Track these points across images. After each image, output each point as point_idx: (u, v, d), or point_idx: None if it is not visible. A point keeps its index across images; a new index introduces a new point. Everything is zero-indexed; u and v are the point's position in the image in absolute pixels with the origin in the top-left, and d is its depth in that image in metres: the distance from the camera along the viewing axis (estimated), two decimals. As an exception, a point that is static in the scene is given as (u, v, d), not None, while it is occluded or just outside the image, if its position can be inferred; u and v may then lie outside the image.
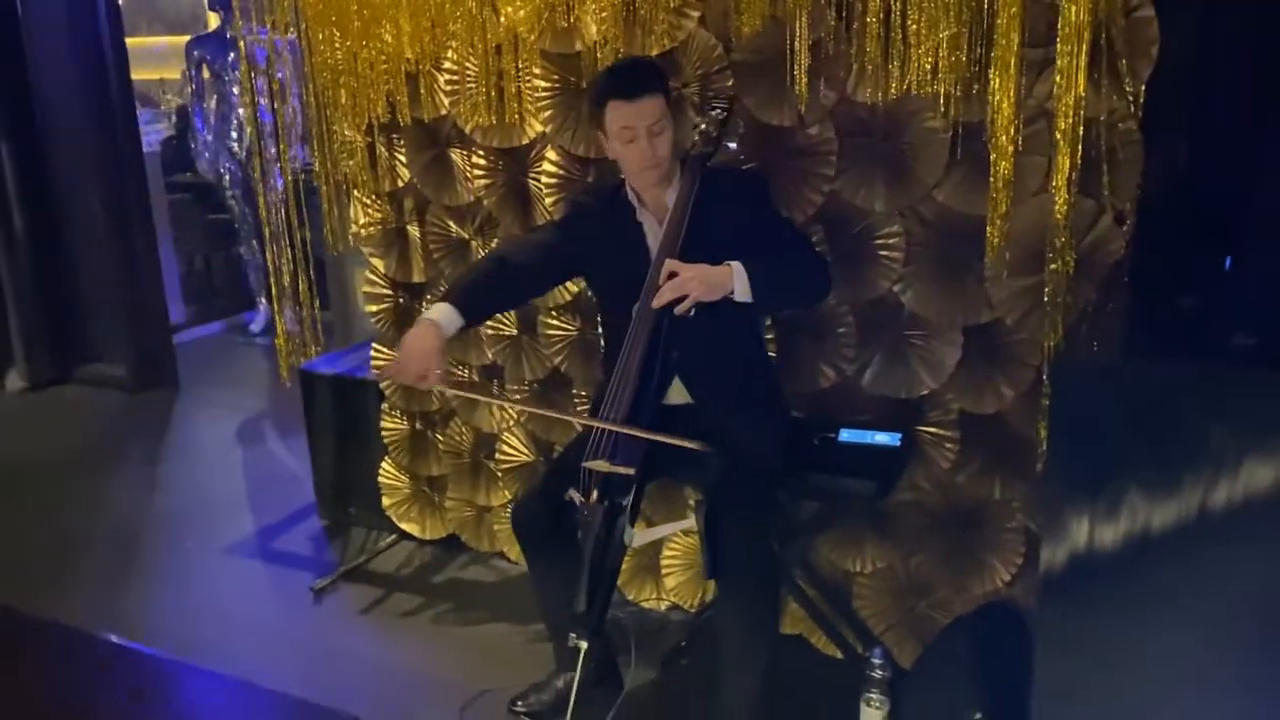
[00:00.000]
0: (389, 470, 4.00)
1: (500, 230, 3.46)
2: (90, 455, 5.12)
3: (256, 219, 6.61)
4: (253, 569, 3.95)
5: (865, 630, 3.14)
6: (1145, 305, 2.68)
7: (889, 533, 3.07)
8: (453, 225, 3.58)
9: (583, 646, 2.49)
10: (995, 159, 2.63)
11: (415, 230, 3.68)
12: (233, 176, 6.57)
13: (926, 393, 2.95)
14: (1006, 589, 2.96)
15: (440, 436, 3.86)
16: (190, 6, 9.94)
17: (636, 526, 2.61)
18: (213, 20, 7.12)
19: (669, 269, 2.60)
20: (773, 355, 3.11)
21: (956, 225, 2.81)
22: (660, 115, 2.69)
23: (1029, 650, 2.23)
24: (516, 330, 3.54)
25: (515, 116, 3.29)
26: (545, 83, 3.22)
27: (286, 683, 2.30)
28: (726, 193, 2.78)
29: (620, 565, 2.61)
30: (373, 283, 3.83)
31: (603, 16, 3.06)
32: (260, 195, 3.91)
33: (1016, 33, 2.53)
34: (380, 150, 3.64)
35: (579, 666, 2.52)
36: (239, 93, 6.31)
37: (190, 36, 7.06)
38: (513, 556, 3.77)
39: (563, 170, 3.28)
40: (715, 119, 2.85)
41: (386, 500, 4.02)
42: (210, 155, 6.61)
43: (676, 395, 2.83)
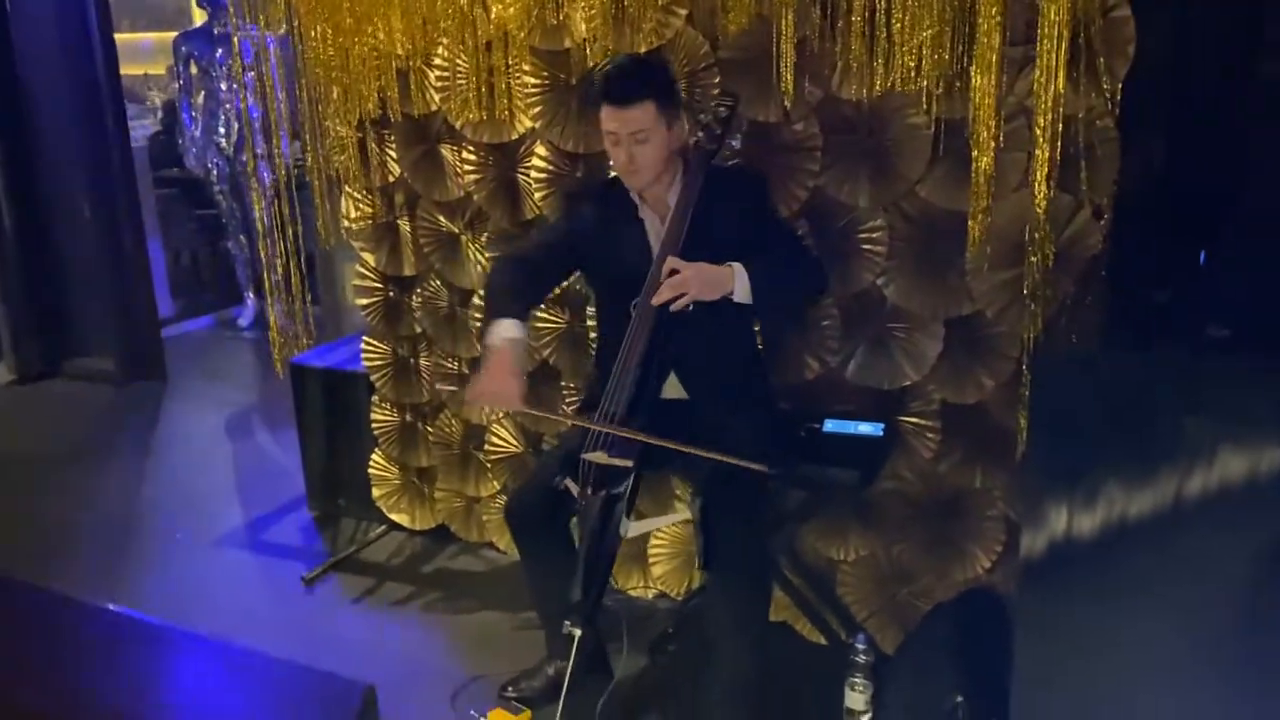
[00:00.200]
0: (379, 461, 4.03)
1: (490, 225, 3.49)
2: (80, 448, 5.13)
3: (244, 214, 6.63)
4: (243, 559, 3.98)
5: (849, 617, 3.18)
6: (1122, 298, 2.72)
7: (872, 521, 3.11)
8: (443, 220, 3.60)
9: (577, 634, 2.53)
10: (976, 155, 2.66)
11: (406, 225, 3.70)
12: (220, 172, 6.56)
13: (909, 384, 2.99)
14: (987, 576, 3.00)
15: (430, 428, 3.89)
16: (175, 1, 9.90)
17: (632, 517, 2.65)
18: (198, 16, 7.12)
19: (670, 266, 2.62)
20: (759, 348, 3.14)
21: (938, 220, 2.85)
22: (647, 124, 2.67)
23: (1009, 636, 2.26)
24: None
25: (505, 112, 3.31)
26: (535, 79, 3.25)
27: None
28: (728, 192, 2.79)
29: (615, 555, 2.64)
30: (363, 276, 3.85)
31: (591, 14, 3.08)
32: (254, 190, 3.93)
33: (997, 32, 2.56)
34: (371, 145, 3.66)
35: (572, 654, 2.55)
36: (226, 88, 6.32)
37: (176, 33, 7.05)
38: (502, 546, 3.81)
39: (552, 165, 3.31)
40: (719, 116, 2.84)
41: (376, 491, 4.04)
42: (198, 151, 6.60)
43: (672, 390, 2.84)
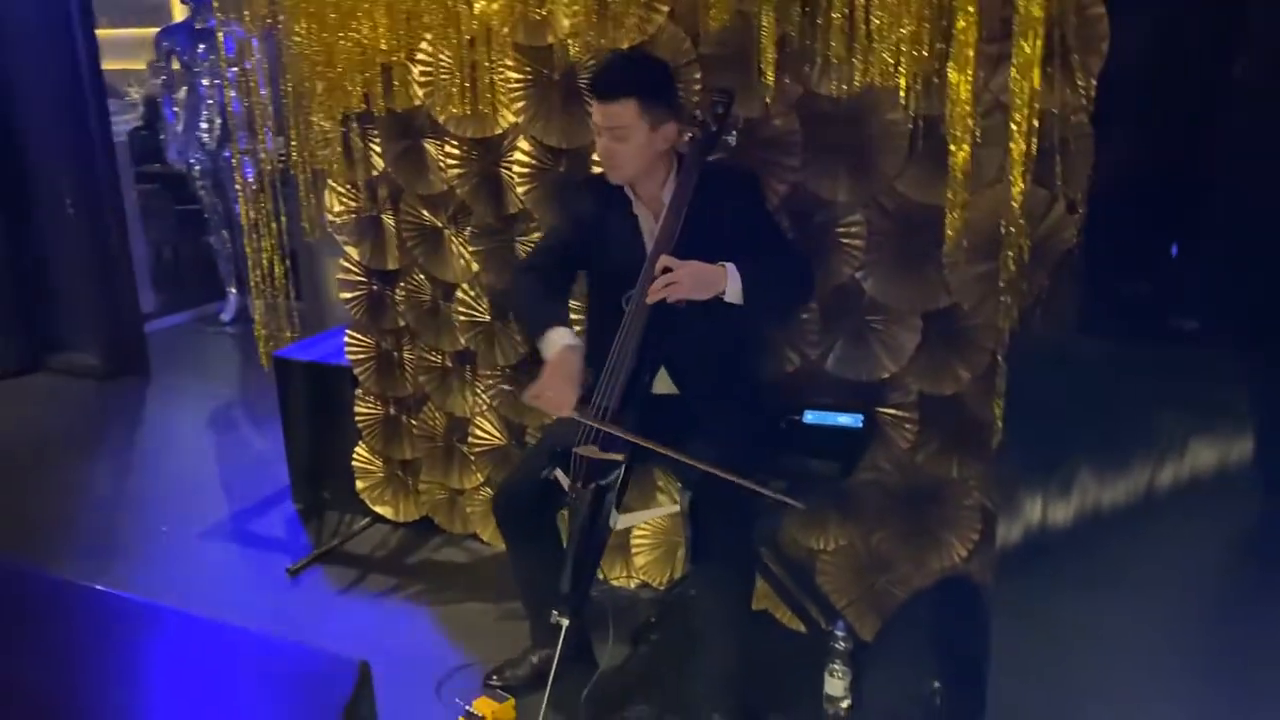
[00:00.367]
0: (362, 454, 4.05)
1: (473, 219, 3.51)
2: (63, 442, 5.14)
3: (226, 209, 6.62)
4: (228, 552, 4.00)
5: (828, 605, 3.22)
6: (1096, 291, 2.76)
7: (851, 511, 3.15)
8: (426, 214, 3.62)
9: (564, 624, 2.57)
10: (953, 150, 2.68)
11: (389, 219, 3.72)
12: (202, 167, 6.56)
13: (887, 376, 3.02)
14: (963, 565, 3.04)
15: (413, 421, 3.91)
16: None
17: (620, 510, 2.67)
18: (178, 11, 7.09)
19: (663, 264, 2.63)
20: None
21: (916, 214, 2.88)
22: (627, 121, 2.69)
23: (985, 623, 2.31)
24: (489, 316, 3.58)
25: (488, 107, 3.34)
26: (517, 74, 3.27)
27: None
28: (722, 190, 2.80)
29: (604, 547, 2.67)
30: (347, 270, 3.87)
31: (574, 10, 3.10)
32: (240, 185, 3.94)
33: (974, 29, 2.58)
34: (355, 140, 3.68)
35: (559, 643, 2.58)
36: (209, 84, 6.31)
37: (155, 28, 7.03)
38: (485, 538, 3.84)
39: (534, 160, 3.34)
40: (714, 113, 2.84)
41: (360, 484, 4.06)
42: (179, 146, 6.58)
43: (662, 385, 2.85)
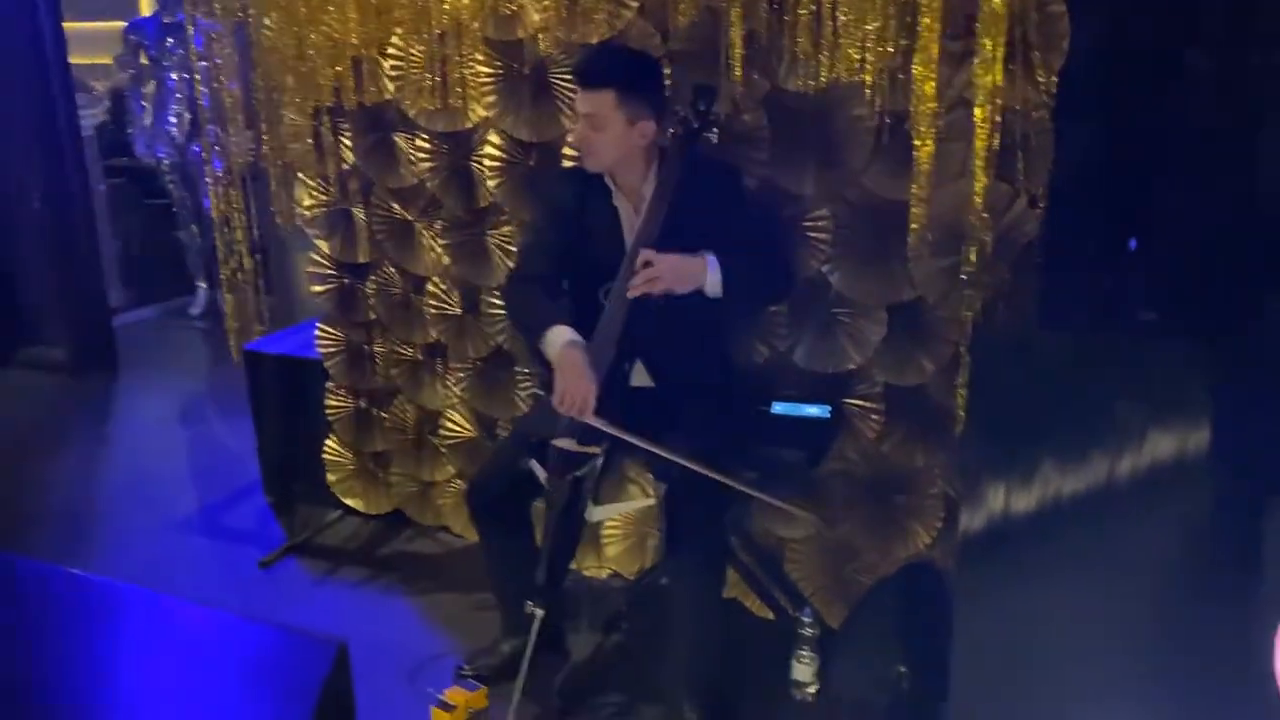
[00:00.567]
0: (333, 447, 4.05)
1: (444, 212, 3.52)
2: (32, 437, 5.11)
3: (195, 203, 6.59)
4: (199, 545, 4.00)
5: (796, 593, 3.25)
6: (1057, 283, 2.81)
7: (819, 500, 3.18)
8: (397, 207, 3.63)
9: (539, 615, 2.59)
10: (918, 146, 2.71)
11: (360, 212, 3.71)
12: (171, 161, 6.53)
13: (853, 367, 3.06)
14: (928, 552, 3.08)
15: (384, 414, 3.91)
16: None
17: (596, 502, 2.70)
18: (146, 5, 7.05)
19: (644, 258, 2.64)
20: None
21: (881, 209, 2.91)
22: (603, 111, 2.70)
23: (948, 609, 2.36)
24: (460, 309, 3.60)
25: (459, 101, 3.35)
26: (488, 69, 3.29)
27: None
28: (703, 185, 2.80)
29: (580, 538, 2.70)
30: (318, 264, 3.86)
31: (544, 5, 3.11)
32: (211, 180, 3.94)
33: (938, 26, 2.62)
34: (325, 134, 3.68)
35: (533, 633, 2.61)
36: (177, 78, 6.29)
37: (121, 22, 6.98)
38: (457, 530, 3.85)
39: (505, 154, 3.35)
40: (696, 110, 2.84)
41: (331, 476, 4.06)
42: (147, 139, 6.56)
43: (638, 377, 2.87)
